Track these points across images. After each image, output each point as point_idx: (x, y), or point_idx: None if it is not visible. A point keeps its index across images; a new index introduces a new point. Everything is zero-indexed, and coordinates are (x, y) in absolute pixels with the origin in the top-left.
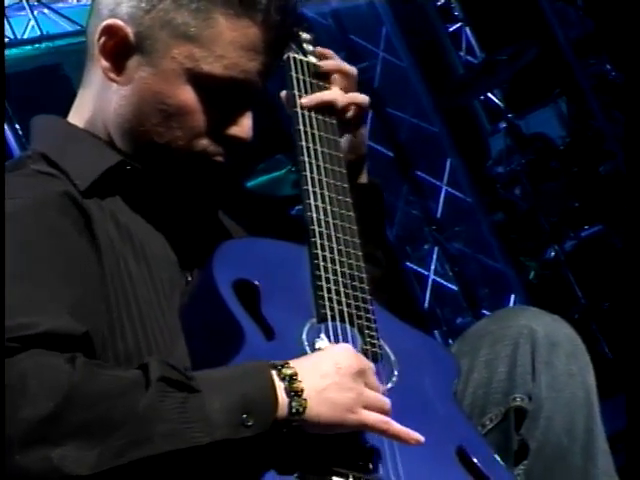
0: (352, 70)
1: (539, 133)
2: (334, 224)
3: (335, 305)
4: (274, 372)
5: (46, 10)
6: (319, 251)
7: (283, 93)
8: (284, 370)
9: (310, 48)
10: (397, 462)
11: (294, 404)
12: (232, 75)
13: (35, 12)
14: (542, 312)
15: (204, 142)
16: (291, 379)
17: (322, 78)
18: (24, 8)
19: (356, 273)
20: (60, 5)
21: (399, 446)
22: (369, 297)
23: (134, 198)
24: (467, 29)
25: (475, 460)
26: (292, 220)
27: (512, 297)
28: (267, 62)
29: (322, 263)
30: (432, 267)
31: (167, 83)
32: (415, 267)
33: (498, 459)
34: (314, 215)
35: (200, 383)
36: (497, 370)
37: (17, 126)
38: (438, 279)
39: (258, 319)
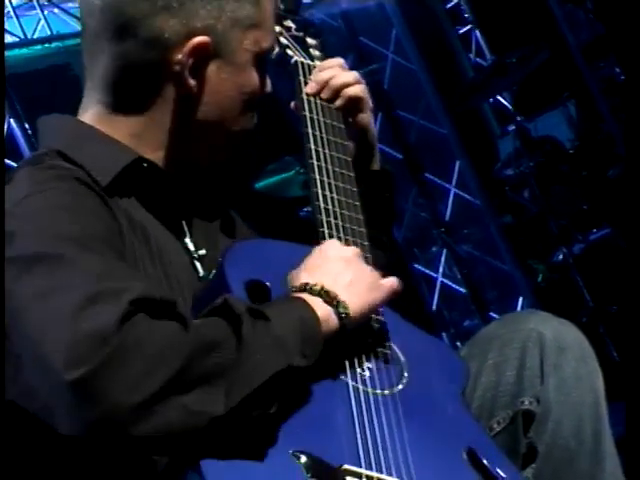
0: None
1: (548, 136)
2: (343, 226)
3: None
4: (306, 293)
5: (56, 10)
6: None
7: (293, 104)
8: (314, 287)
9: (317, 53)
10: (409, 462)
11: (340, 309)
12: (274, 41)
13: (45, 12)
14: (551, 316)
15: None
16: (325, 291)
17: None
18: (34, 8)
19: None
20: (70, 5)
21: (411, 446)
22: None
23: (148, 197)
24: (477, 31)
25: (485, 461)
26: (300, 221)
27: (520, 300)
28: None
29: None
30: (440, 269)
31: (244, 73)
32: (423, 269)
33: (507, 461)
34: (323, 217)
35: (267, 313)
36: (505, 373)
37: (27, 125)
38: (446, 281)
39: None
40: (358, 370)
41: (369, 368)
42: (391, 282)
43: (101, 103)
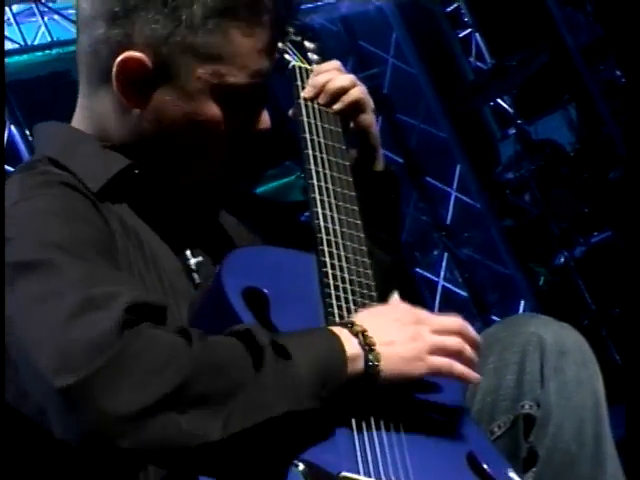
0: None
1: (549, 139)
2: (342, 232)
3: (344, 313)
4: (346, 330)
5: (57, 16)
6: (327, 259)
7: (291, 112)
8: (355, 327)
9: (315, 57)
10: (408, 467)
11: (370, 357)
12: (256, 81)
13: (45, 18)
14: (551, 320)
15: (232, 147)
16: (363, 335)
17: None
18: (35, 14)
19: (365, 281)
20: (71, 11)
21: (410, 452)
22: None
23: (141, 204)
24: (477, 35)
25: (485, 466)
26: (301, 226)
27: (522, 303)
28: (275, 53)
29: (331, 271)
30: (442, 273)
31: (195, 102)
32: (425, 273)
33: (509, 465)
34: (322, 223)
35: (290, 349)
36: (505, 377)
37: (27, 131)
38: (448, 285)
39: (267, 327)
40: None
41: None
42: (441, 362)
43: (81, 107)
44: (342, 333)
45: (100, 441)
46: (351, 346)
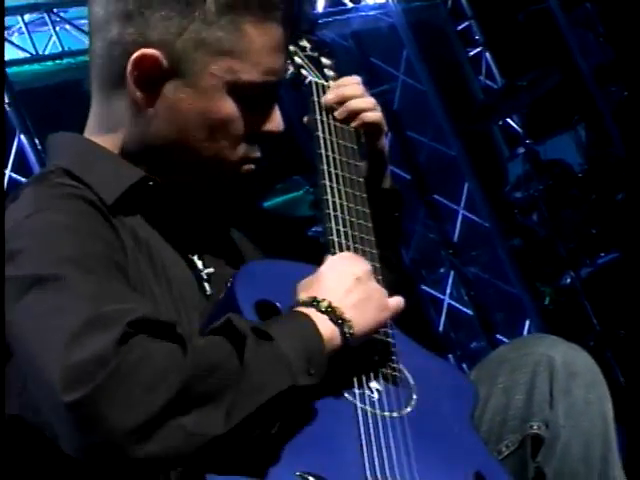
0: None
1: (557, 159)
2: (355, 248)
3: None
4: (313, 310)
5: (68, 26)
6: None
7: (305, 119)
8: (322, 304)
9: (331, 73)
10: None
11: (345, 329)
12: (268, 79)
13: (57, 28)
14: (561, 341)
15: (244, 146)
16: (331, 308)
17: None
18: (46, 24)
19: None
20: (82, 21)
21: (419, 469)
22: (389, 320)
23: (154, 215)
24: (487, 54)
25: None
26: (309, 240)
27: (527, 322)
28: (287, 51)
29: None
30: (448, 291)
31: (210, 99)
32: (431, 291)
33: None
34: (335, 238)
35: (271, 332)
36: (514, 397)
37: (37, 141)
38: (453, 303)
39: None
40: (366, 392)
41: (377, 390)
42: (397, 302)
43: (94, 115)
44: (312, 313)
45: (109, 454)
46: (324, 325)
